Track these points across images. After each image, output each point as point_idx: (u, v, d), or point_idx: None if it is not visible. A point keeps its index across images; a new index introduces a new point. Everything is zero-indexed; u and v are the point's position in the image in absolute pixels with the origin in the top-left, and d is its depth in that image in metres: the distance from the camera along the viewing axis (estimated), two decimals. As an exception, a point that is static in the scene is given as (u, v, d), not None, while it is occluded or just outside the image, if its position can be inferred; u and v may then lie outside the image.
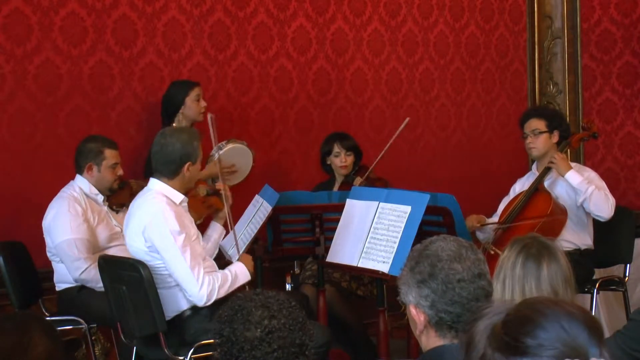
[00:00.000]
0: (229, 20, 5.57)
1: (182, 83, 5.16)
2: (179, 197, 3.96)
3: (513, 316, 1.33)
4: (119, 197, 4.77)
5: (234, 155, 5.13)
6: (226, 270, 4.00)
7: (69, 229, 4.48)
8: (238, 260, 4.15)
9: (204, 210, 4.28)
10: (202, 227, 4.42)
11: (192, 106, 5.09)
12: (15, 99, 4.92)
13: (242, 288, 4.03)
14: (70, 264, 4.47)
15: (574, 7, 6.69)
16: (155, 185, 3.96)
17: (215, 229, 4.41)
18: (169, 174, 3.95)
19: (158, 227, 3.84)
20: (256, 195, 4.72)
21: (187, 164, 3.94)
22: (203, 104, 5.10)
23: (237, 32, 5.61)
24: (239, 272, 4.03)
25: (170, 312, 3.95)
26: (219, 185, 4.33)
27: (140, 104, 5.31)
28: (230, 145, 5.11)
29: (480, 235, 4.95)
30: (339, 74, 6.02)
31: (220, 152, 5.03)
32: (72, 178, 4.71)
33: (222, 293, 3.88)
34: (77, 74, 5.09)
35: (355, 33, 6.06)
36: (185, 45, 5.44)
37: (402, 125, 5.04)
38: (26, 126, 4.95)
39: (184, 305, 3.97)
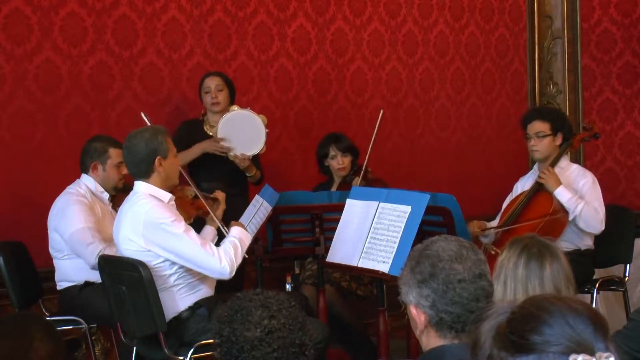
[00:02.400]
0: (229, 20, 5.57)
1: (205, 74, 5.23)
2: (166, 196, 3.97)
3: (518, 314, 1.34)
4: (123, 200, 4.76)
5: (236, 123, 5.09)
6: (230, 239, 4.01)
7: (80, 219, 4.49)
8: (230, 227, 4.13)
9: (193, 211, 4.25)
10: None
11: (203, 97, 5.18)
12: (15, 99, 4.92)
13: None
14: (85, 250, 4.45)
15: (574, 7, 6.69)
16: (141, 187, 3.97)
17: (208, 232, 4.31)
18: (143, 174, 3.95)
19: (154, 223, 3.85)
20: (256, 195, 4.72)
21: (157, 159, 3.93)
22: (212, 95, 5.11)
23: (237, 32, 5.61)
24: (242, 236, 4.04)
25: (168, 314, 3.95)
26: (217, 194, 4.32)
27: (140, 104, 5.30)
28: (227, 115, 5.08)
29: (484, 239, 4.94)
30: (339, 74, 6.02)
31: (221, 122, 5.03)
32: (73, 178, 4.72)
33: (239, 260, 3.93)
34: (77, 74, 5.09)
35: (355, 33, 6.06)
36: (185, 45, 5.44)
37: (379, 118, 5.02)
38: (26, 126, 4.95)
39: (182, 307, 3.97)
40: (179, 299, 3.97)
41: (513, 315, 1.34)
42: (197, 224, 4.25)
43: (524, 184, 5.13)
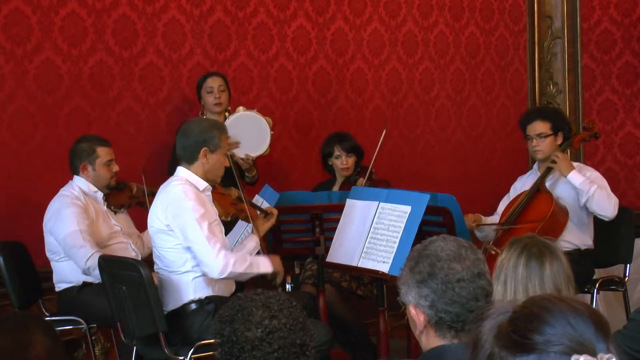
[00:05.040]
0: (229, 20, 5.57)
1: (205, 74, 5.24)
2: (202, 184, 4.04)
3: (520, 314, 1.34)
4: (118, 198, 4.78)
5: (242, 124, 5.09)
6: (247, 254, 4.05)
7: (73, 222, 4.49)
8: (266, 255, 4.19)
9: (231, 210, 4.29)
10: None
11: (204, 97, 5.16)
12: (15, 99, 4.92)
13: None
14: (76, 252, 4.44)
15: (574, 7, 6.69)
16: (180, 172, 4.07)
17: (251, 240, 4.29)
18: (187, 159, 4.05)
19: (177, 203, 3.93)
20: (256, 195, 4.72)
21: (204, 149, 4.01)
22: (215, 96, 5.11)
23: (237, 32, 5.61)
24: (261, 261, 4.06)
25: (175, 300, 3.98)
26: (270, 208, 4.35)
27: (140, 104, 5.31)
28: (233, 116, 5.07)
29: (478, 234, 4.94)
30: (339, 74, 6.02)
31: (227, 122, 5.03)
32: (72, 178, 4.72)
33: (238, 270, 3.94)
34: (77, 74, 5.09)
35: (355, 33, 6.06)
36: (185, 45, 5.44)
37: (381, 138, 5.02)
38: (26, 126, 4.95)
39: (192, 296, 3.99)
40: (191, 287, 3.99)
41: (515, 315, 1.34)
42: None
43: (523, 183, 5.13)
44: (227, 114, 5.20)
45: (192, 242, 3.92)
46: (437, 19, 6.39)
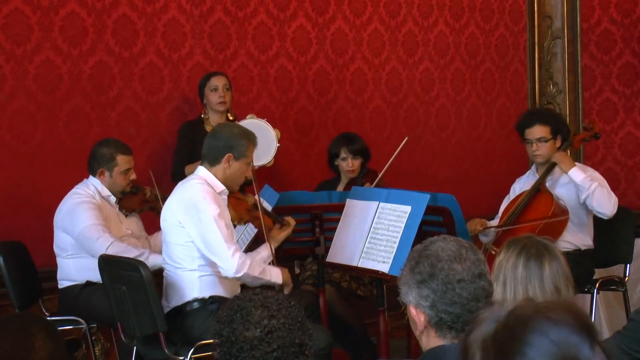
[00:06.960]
0: (229, 20, 5.57)
1: (209, 73, 5.25)
2: (219, 187, 4.07)
3: (501, 333, 1.34)
4: (130, 202, 4.77)
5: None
6: (261, 260, 4.07)
7: (90, 216, 4.50)
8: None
9: (244, 215, 4.27)
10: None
11: (208, 95, 5.16)
12: (15, 99, 4.92)
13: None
14: (94, 243, 4.44)
15: (574, 7, 6.69)
16: (201, 171, 4.10)
17: (266, 248, 4.26)
18: (210, 160, 4.08)
19: (193, 201, 3.95)
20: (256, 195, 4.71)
21: (228, 155, 4.04)
22: (220, 94, 5.11)
23: (237, 32, 5.61)
24: (273, 270, 4.07)
25: (180, 298, 4.00)
26: (288, 219, 4.33)
27: (140, 104, 5.31)
28: (242, 123, 5.05)
29: (484, 238, 4.93)
30: (339, 74, 6.01)
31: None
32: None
33: (252, 273, 3.95)
34: (77, 74, 5.09)
35: (355, 33, 6.06)
36: (185, 45, 5.44)
37: (402, 144, 5.01)
38: (26, 126, 4.95)
39: (195, 294, 4.00)
40: (196, 286, 4.00)
41: (497, 334, 1.34)
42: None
43: (522, 185, 5.13)
44: (229, 115, 5.20)
45: (209, 240, 3.93)
46: (437, 19, 6.39)
